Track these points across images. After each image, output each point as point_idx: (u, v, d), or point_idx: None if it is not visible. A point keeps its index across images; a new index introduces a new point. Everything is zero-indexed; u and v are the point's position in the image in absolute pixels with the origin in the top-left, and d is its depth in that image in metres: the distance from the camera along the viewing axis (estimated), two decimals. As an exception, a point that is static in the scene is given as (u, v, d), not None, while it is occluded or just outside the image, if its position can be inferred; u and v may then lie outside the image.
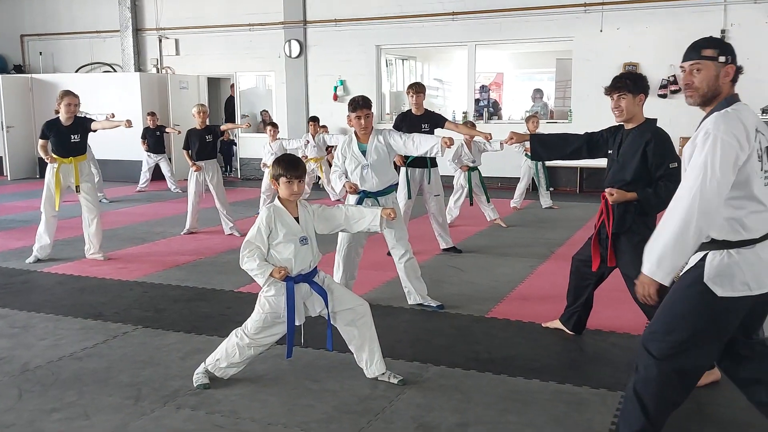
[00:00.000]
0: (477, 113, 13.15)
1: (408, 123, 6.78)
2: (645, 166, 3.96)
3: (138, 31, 14.95)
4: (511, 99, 15.82)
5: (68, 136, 6.76)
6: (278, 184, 3.66)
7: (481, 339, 4.61)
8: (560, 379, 3.88)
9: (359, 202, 5.04)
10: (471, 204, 8.47)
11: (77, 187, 6.80)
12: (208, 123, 8.19)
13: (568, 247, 7.30)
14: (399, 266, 5.27)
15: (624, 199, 4.01)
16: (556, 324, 4.71)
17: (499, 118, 14.01)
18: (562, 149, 4.45)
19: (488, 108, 13.68)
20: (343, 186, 5.01)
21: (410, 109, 6.95)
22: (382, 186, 5.11)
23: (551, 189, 10.67)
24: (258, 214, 9.74)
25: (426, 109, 6.95)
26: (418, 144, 5.09)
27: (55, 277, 6.31)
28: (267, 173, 9.70)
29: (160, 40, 14.88)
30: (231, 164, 14.92)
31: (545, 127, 10.54)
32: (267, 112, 14.89)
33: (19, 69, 15.84)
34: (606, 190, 4.08)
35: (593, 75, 11.39)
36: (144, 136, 12.19)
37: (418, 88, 6.82)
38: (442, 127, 6.87)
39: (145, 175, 12.32)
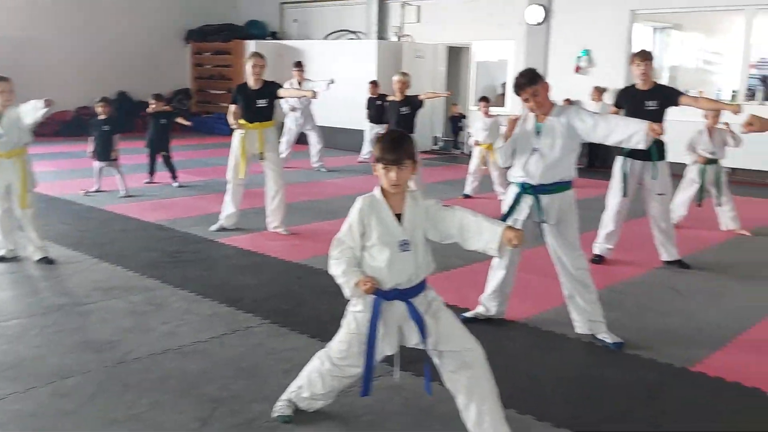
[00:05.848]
0: (749, 92, 10.86)
1: (629, 99, 5.55)
2: None
3: (383, -3, 14.76)
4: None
5: (254, 100, 6.51)
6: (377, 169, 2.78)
7: (672, 404, 3.35)
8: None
9: (516, 198, 4.01)
10: (699, 205, 6.90)
11: (261, 154, 6.54)
12: (407, 94, 7.49)
13: None
14: (565, 282, 4.12)
15: None
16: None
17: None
18: None
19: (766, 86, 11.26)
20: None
21: (634, 84, 5.60)
22: (548, 180, 3.95)
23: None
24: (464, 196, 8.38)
25: (656, 83, 5.56)
26: (613, 129, 3.87)
27: (226, 249, 6.09)
28: (477, 152, 8.81)
29: (403, 7, 14.55)
30: (458, 140, 14.17)
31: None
32: (507, 84, 13.87)
33: (274, 35, 16.60)
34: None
35: None
36: (368, 106, 11.91)
37: (645, 56, 5.46)
38: (676, 104, 5.44)
39: (367, 146, 12.07)
